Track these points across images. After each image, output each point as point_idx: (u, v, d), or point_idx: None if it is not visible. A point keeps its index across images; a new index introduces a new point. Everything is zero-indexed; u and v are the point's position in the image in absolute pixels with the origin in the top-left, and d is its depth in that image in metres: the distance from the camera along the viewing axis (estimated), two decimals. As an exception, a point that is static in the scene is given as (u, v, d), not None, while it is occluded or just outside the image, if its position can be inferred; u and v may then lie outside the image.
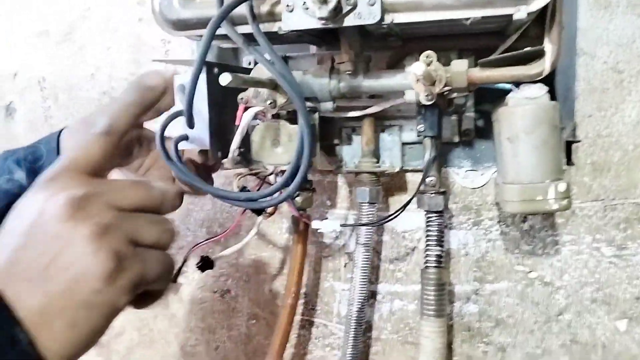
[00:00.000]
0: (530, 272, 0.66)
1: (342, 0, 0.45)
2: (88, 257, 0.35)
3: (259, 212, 0.55)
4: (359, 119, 0.62)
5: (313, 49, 0.65)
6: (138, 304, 0.42)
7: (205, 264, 0.61)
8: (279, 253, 0.75)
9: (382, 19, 0.46)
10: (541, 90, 0.51)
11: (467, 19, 0.46)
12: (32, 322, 0.33)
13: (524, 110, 0.48)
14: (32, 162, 0.51)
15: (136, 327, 0.82)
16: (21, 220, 0.37)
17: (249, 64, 0.68)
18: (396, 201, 0.68)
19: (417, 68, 0.43)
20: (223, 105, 0.58)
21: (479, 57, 0.51)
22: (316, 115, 0.59)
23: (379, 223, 0.63)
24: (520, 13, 0.45)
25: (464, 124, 0.62)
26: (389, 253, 0.70)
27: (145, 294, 0.42)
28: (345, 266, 0.72)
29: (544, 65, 0.49)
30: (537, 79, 0.50)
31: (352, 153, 0.66)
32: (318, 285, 0.73)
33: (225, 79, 0.44)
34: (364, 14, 0.45)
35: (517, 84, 0.52)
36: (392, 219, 0.57)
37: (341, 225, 0.59)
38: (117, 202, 0.38)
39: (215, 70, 0.57)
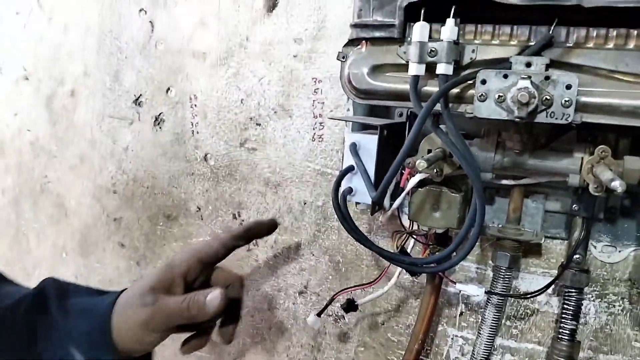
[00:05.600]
0: (648, 350, 0.68)
1: (539, 101, 0.48)
2: None
3: (413, 273, 0.59)
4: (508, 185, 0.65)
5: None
6: None
7: (350, 306, 0.66)
8: (396, 290, 0.79)
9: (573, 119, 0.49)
10: None
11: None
12: None
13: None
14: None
15: (249, 334, 0.89)
16: None
17: (400, 115, 0.72)
18: (529, 264, 0.71)
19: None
20: (383, 161, 0.63)
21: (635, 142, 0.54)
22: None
23: (525, 297, 0.66)
24: None
25: (610, 201, 0.63)
26: (508, 310, 0.73)
27: None
28: (460, 315, 0.76)
29: None
30: None
31: (493, 214, 0.69)
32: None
33: (421, 165, 0.49)
34: (557, 114, 0.48)
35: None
36: (536, 295, 0.60)
37: (486, 293, 0.62)
38: None
39: (385, 132, 0.61)
